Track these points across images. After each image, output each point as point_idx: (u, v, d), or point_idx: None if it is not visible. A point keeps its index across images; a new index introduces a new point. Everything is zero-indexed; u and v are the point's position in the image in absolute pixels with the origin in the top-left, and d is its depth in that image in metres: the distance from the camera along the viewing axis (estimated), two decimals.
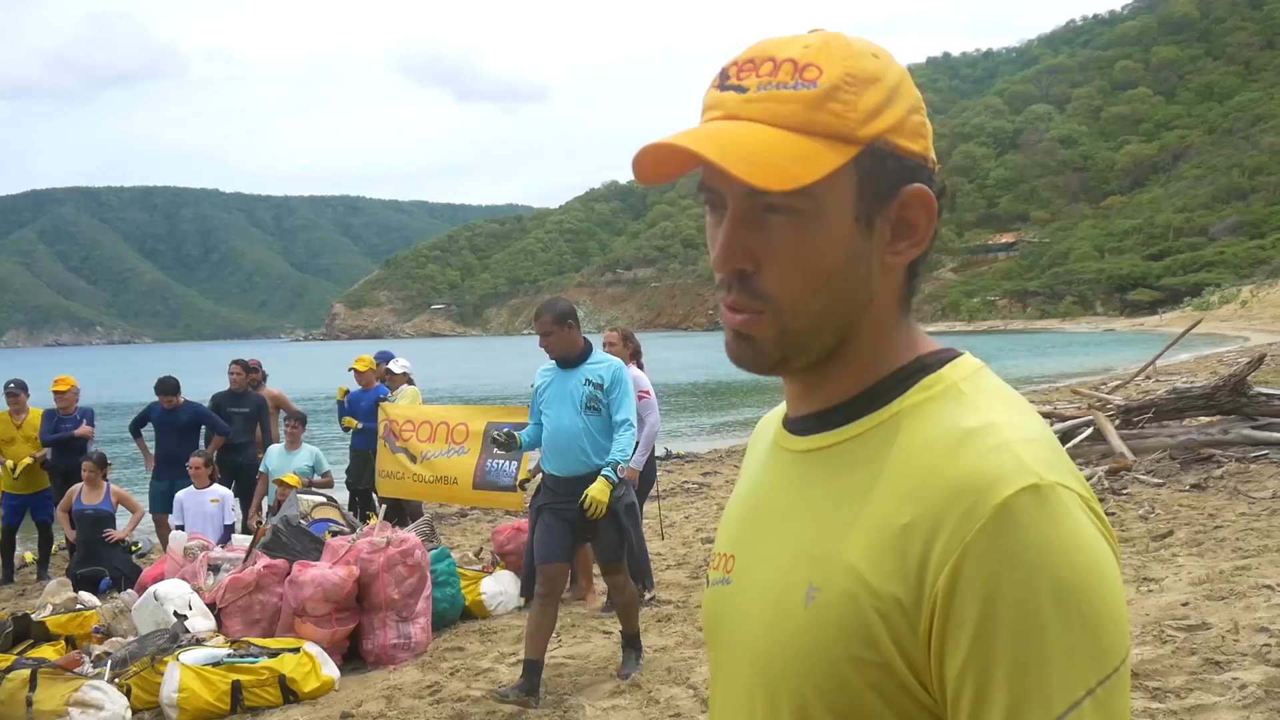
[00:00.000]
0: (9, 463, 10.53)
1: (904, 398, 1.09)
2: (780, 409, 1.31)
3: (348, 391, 11.45)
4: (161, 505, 10.34)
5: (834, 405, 1.13)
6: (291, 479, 9.49)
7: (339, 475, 11.68)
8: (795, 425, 1.18)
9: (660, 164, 1.07)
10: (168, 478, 10.30)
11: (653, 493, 8.60)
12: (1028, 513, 0.96)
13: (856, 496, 1.05)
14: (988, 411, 1.05)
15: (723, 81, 1.09)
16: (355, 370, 11.25)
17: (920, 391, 1.09)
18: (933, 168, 1.11)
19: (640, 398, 7.85)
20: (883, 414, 1.09)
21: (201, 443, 10.43)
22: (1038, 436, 1.04)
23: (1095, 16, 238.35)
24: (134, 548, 9.76)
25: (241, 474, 10.63)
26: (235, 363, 11.03)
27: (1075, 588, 0.95)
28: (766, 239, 1.07)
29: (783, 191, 1.03)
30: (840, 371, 1.12)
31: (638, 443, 7.88)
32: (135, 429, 10.74)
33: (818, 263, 1.07)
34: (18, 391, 10.70)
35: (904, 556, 0.99)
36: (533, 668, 5.85)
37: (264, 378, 11.77)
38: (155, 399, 10.58)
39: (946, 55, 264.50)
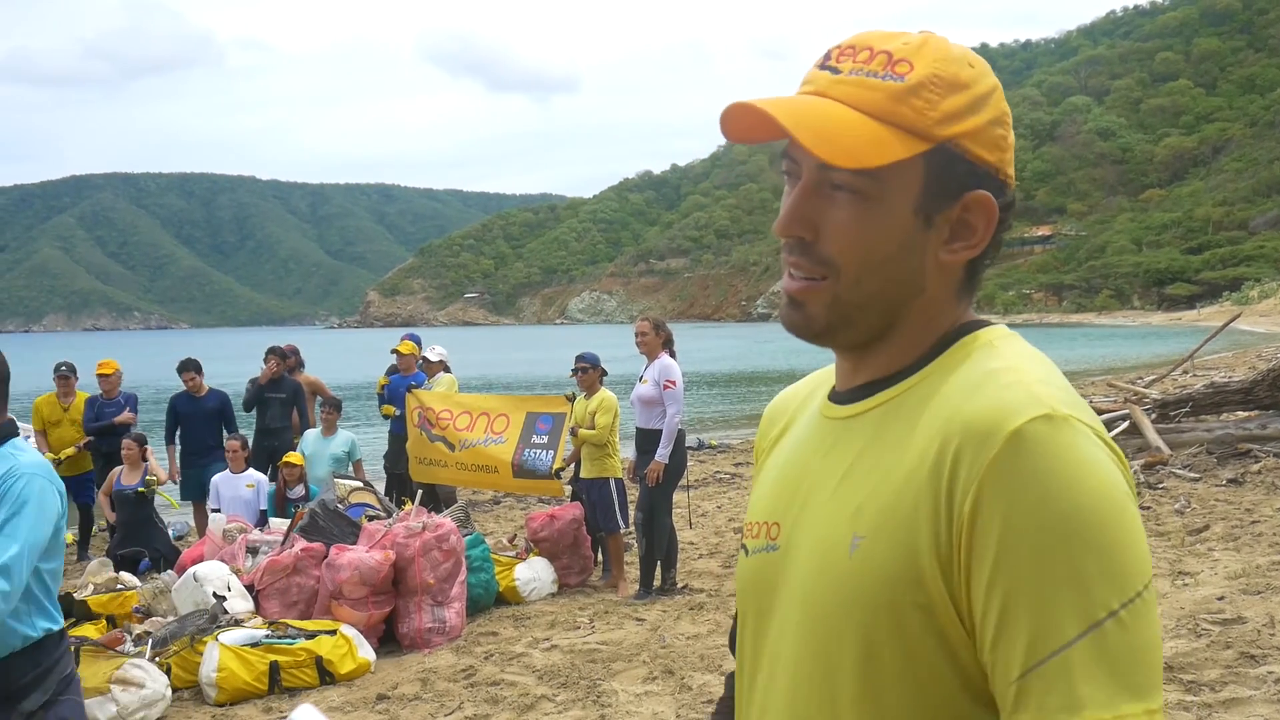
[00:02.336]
0: (49, 456, 10.67)
1: (944, 356, 1.15)
2: (804, 382, 1.39)
3: (387, 383, 11.51)
4: (195, 493, 10.47)
5: (886, 374, 1.18)
6: (295, 458, 9.64)
7: (377, 460, 11.75)
8: (843, 396, 1.22)
9: (746, 125, 1.13)
10: (197, 466, 10.43)
11: (683, 482, 8.62)
12: (1039, 440, 1.00)
13: (896, 446, 1.11)
14: (1011, 359, 1.11)
15: (824, 61, 1.15)
16: (398, 353, 11.32)
17: (958, 349, 1.15)
18: (1005, 180, 1.15)
19: (666, 387, 7.89)
20: (924, 372, 1.15)
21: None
22: (1057, 384, 1.08)
23: (1136, 7, 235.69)
24: (149, 483, 9.63)
25: (279, 459, 10.73)
26: (270, 352, 11.08)
27: (1090, 510, 0.98)
28: (828, 212, 1.12)
29: (848, 170, 1.08)
30: (890, 350, 1.18)
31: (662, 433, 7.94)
32: (172, 436, 10.72)
33: (873, 245, 1.12)
34: (68, 374, 10.83)
35: (935, 494, 1.04)
36: None
37: (300, 364, 11.86)
38: (175, 394, 10.75)
39: (984, 46, 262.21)
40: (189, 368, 10.56)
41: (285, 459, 9.71)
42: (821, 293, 1.14)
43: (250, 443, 10.21)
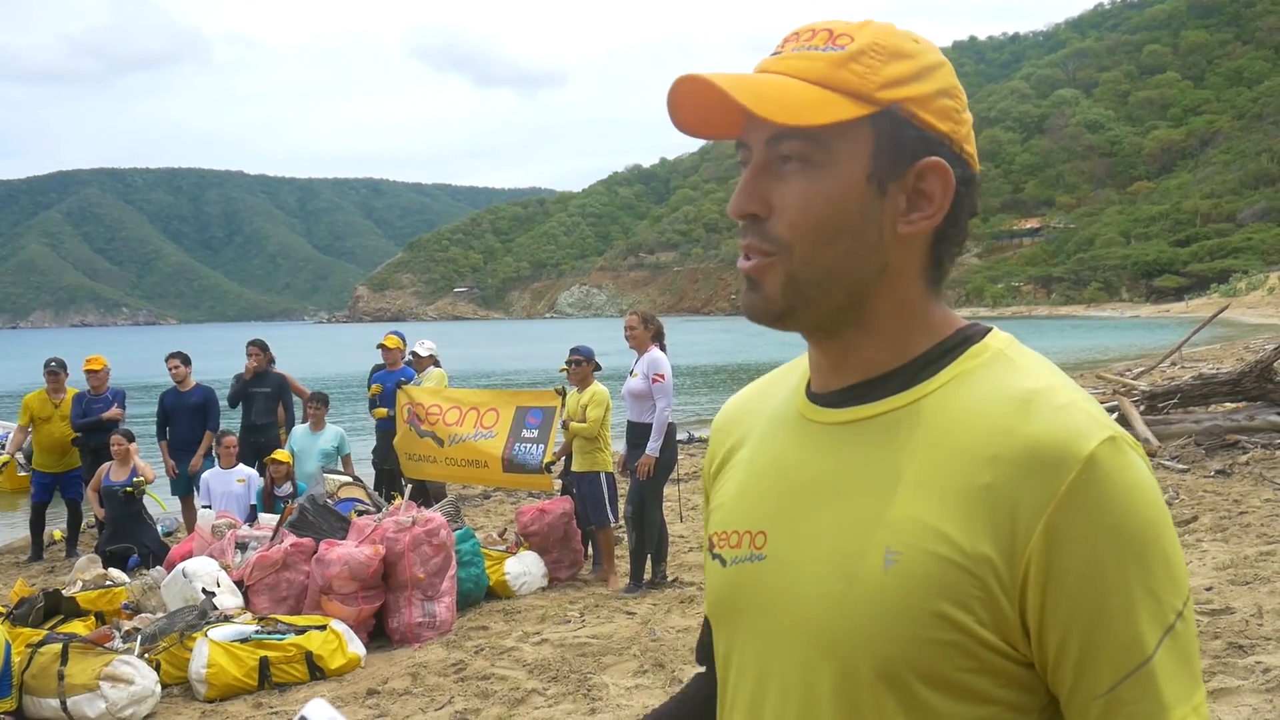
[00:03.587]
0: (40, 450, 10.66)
1: (955, 365, 1.13)
2: (758, 384, 1.36)
3: (380, 391, 11.39)
4: (183, 488, 10.45)
5: (876, 376, 1.16)
6: (282, 455, 9.62)
7: (366, 455, 11.72)
8: (828, 398, 1.19)
9: (697, 115, 1.15)
10: (183, 461, 10.42)
11: (674, 476, 8.63)
12: (1112, 462, 1.03)
13: (923, 460, 1.09)
14: (1042, 375, 1.11)
15: (772, 52, 1.16)
16: (384, 347, 11.27)
17: (970, 359, 1.13)
18: (963, 155, 1.14)
19: (655, 381, 7.88)
20: (935, 381, 1.13)
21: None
22: (1090, 397, 1.10)
23: (1124, 0, 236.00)
24: (137, 484, 9.62)
25: (265, 454, 10.69)
26: (252, 344, 11.03)
27: (1154, 524, 1.04)
28: (780, 186, 1.12)
29: (794, 134, 1.09)
30: (869, 342, 1.15)
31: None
32: (162, 432, 10.77)
33: (826, 214, 1.11)
34: (58, 370, 10.79)
35: (991, 515, 1.04)
36: None
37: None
38: (164, 390, 10.80)
39: (973, 39, 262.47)
40: (174, 356, 10.59)
41: (272, 456, 9.69)
42: (775, 269, 1.12)
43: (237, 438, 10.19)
